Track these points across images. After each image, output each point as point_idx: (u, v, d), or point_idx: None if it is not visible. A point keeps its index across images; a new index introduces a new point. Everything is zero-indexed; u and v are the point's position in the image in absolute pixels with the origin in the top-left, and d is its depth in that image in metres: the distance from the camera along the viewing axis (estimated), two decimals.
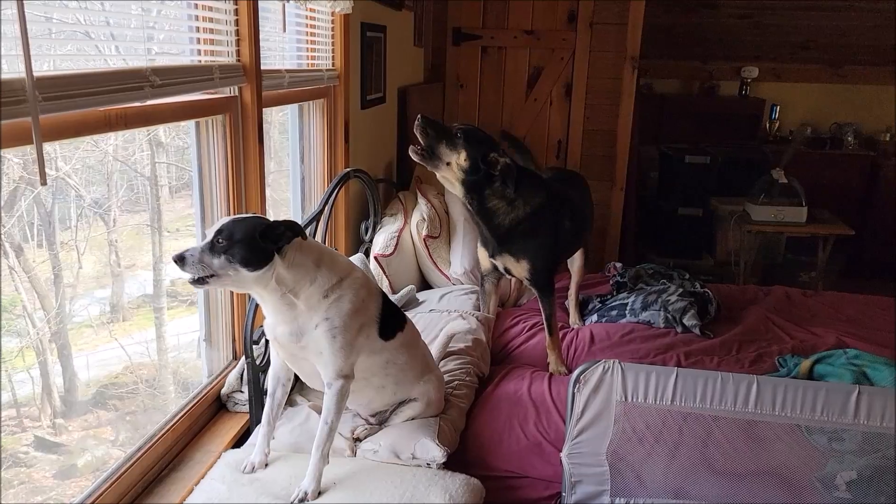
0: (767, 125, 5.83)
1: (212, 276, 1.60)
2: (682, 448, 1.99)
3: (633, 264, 3.55)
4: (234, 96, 2.07)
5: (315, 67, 2.72)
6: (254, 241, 1.61)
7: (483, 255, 2.68)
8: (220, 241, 1.60)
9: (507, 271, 2.64)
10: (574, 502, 2.06)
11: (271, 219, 1.71)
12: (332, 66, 2.87)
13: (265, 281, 1.66)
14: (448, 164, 2.39)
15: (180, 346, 2.38)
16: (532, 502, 2.20)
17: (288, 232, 1.66)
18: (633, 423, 1.97)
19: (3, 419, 1.75)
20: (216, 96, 2.00)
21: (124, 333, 2.17)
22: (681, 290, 3.00)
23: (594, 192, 4.75)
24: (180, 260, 1.59)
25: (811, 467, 1.96)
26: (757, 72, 5.72)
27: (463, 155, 2.37)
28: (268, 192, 2.43)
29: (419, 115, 2.39)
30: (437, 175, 2.47)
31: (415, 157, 2.39)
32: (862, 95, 5.77)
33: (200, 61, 1.90)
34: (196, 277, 1.60)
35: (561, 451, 2.04)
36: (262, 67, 2.14)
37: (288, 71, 2.40)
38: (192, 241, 2.25)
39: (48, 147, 1.70)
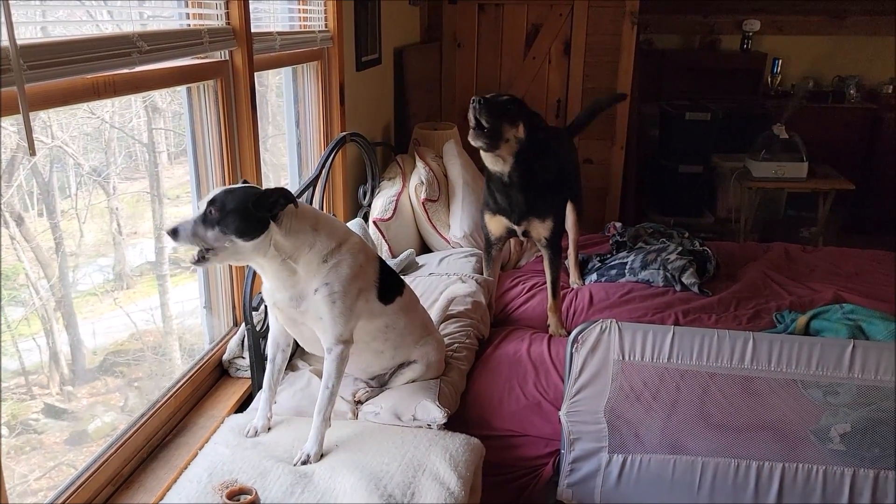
0: (769, 79, 5.74)
1: (209, 250, 1.60)
2: (679, 405, 2.01)
3: (633, 223, 3.54)
4: (224, 61, 2.05)
5: (307, 29, 2.68)
6: (247, 211, 1.60)
7: (497, 222, 2.60)
8: (213, 212, 1.59)
9: (525, 234, 2.61)
10: (572, 459, 2.09)
11: (266, 186, 1.70)
12: (325, 27, 2.82)
13: (263, 249, 1.65)
14: (507, 140, 2.33)
15: (184, 312, 2.39)
16: (532, 460, 2.24)
17: (281, 199, 1.65)
18: (631, 381, 1.99)
19: (12, 388, 1.77)
20: (206, 61, 1.97)
21: (128, 301, 2.18)
22: (680, 248, 3.01)
23: (595, 152, 4.73)
24: (173, 233, 1.58)
25: (806, 421, 1.99)
26: (759, 25, 5.61)
27: (521, 126, 2.32)
28: (267, 156, 2.41)
29: (475, 98, 2.27)
30: (489, 155, 2.37)
31: (479, 143, 2.30)
32: (865, 47, 5.66)
33: (190, 25, 1.87)
34: (196, 257, 1.60)
35: (560, 409, 2.07)
36: (253, 30, 2.10)
37: (279, 33, 2.36)
38: (192, 208, 2.25)
39: (43, 115, 1.68)
